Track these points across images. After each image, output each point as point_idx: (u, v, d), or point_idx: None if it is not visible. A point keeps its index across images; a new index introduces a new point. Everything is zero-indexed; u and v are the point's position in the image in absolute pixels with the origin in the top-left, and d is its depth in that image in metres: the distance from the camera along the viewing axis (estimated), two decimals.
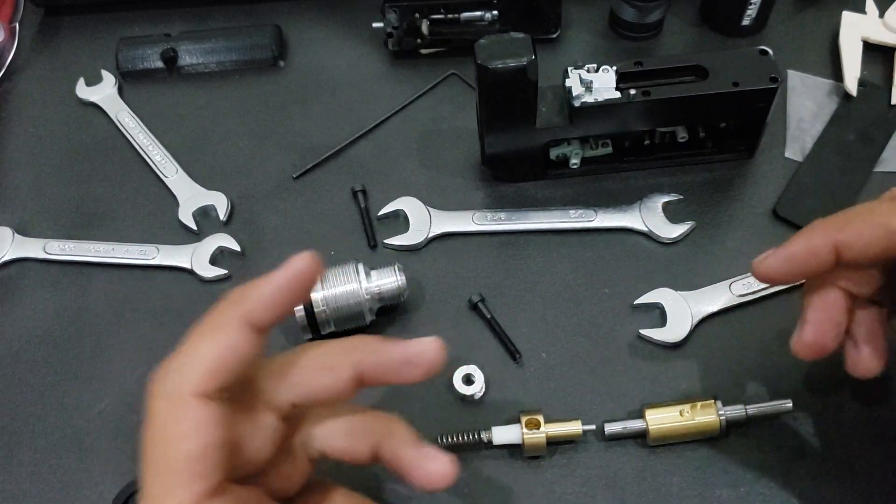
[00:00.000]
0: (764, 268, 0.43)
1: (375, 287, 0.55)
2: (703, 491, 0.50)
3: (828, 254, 0.41)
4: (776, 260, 0.42)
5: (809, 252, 0.41)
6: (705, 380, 0.54)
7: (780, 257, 0.42)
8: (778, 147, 0.65)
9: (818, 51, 0.71)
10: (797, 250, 0.41)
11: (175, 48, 0.73)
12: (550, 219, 0.62)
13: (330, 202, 0.65)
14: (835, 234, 0.40)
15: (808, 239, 0.41)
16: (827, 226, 0.41)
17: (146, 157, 0.68)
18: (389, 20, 0.70)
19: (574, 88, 0.57)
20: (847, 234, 0.40)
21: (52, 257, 0.63)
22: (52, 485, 0.53)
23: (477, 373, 0.55)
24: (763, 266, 0.43)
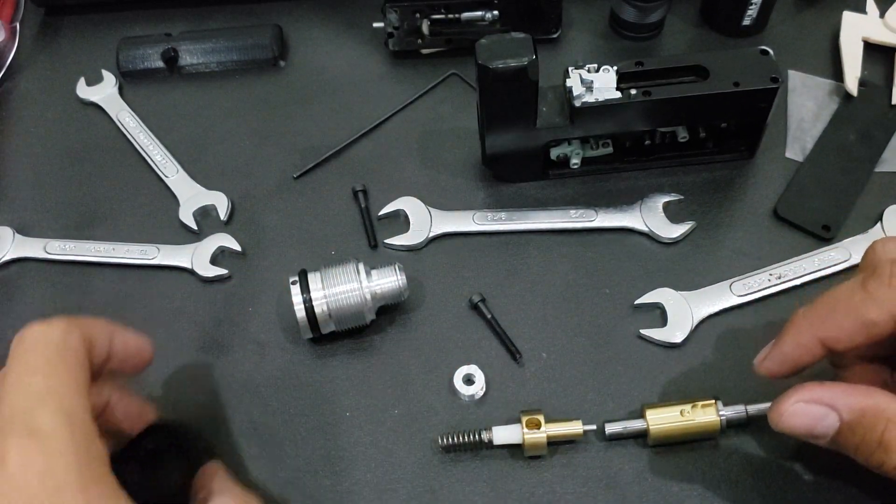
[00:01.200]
0: (764, 369, 0.46)
1: (376, 286, 0.55)
2: (703, 491, 0.50)
3: (818, 349, 0.43)
4: (773, 362, 0.45)
5: (800, 350, 0.43)
6: (706, 380, 0.54)
7: (776, 360, 0.45)
8: (778, 147, 0.65)
9: (819, 51, 0.71)
10: (788, 350, 0.44)
11: (176, 48, 0.73)
12: (551, 219, 0.62)
13: (330, 202, 0.65)
14: (818, 331, 0.42)
15: (795, 337, 0.43)
16: (810, 320, 0.43)
17: (147, 156, 0.68)
18: (390, 20, 0.70)
19: (575, 88, 0.57)
20: (829, 330, 0.42)
21: (53, 257, 0.63)
22: None
23: (477, 373, 0.55)
24: (763, 368, 0.46)
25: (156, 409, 0.48)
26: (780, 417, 0.42)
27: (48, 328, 0.41)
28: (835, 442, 0.41)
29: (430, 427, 0.53)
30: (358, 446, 0.53)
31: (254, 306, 0.60)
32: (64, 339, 0.41)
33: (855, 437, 0.40)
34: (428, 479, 0.52)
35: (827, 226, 0.60)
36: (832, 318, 0.42)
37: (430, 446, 0.53)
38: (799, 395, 0.42)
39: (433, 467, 0.52)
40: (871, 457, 0.40)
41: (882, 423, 0.39)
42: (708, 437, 0.51)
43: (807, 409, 0.41)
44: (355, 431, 0.54)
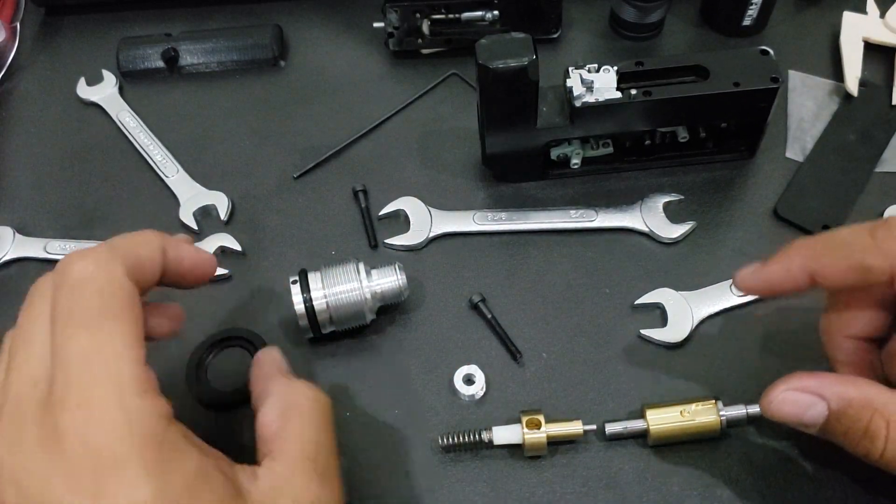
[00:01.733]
0: (744, 283, 0.46)
1: (376, 286, 0.55)
2: (703, 491, 0.50)
3: (803, 279, 0.43)
4: (755, 278, 0.45)
5: (786, 275, 0.44)
6: (706, 380, 0.54)
7: (759, 276, 0.45)
8: (779, 147, 0.65)
9: (819, 51, 0.71)
10: (775, 271, 0.44)
11: (176, 48, 0.73)
12: (551, 219, 0.62)
13: (331, 202, 0.65)
14: (811, 262, 0.42)
15: (786, 262, 0.44)
16: (806, 250, 0.43)
17: (147, 156, 0.68)
18: (390, 20, 0.70)
19: (575, 88, 0.57)
20: (823, 264, 0.42)
21: (53, 257, 0.63)
22: None
23: (477, 373, 0.55)
24: (743, 281, 0.46)
25: None
26: (769, 405, 0.43)
27: (90, 269, 0.37)
28: (823, 430, 0.42)
29: (430, 427, 0.53)
30: (358, 446, 0.53)
31: (254, 306, 0.60)
32: (109, 282, 0.37)
33: (842, 426, 0.41)
34: (428, 479, 0.52)
35: (827, 226, 0.60)
36: (829, 253, 0.42)
37: (430, 446, 0.53)
38: (788, 384, 0.43)
39: (433, 467, 0.52)
40: (857, 446, 0.41)
41: (868, 413, 0.40)
42: (708, 437, 0.51)
43: (795, 396, 0.42)
44: (355, 431, 0.54)
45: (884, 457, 0.40)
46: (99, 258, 0.38)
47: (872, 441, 0.40)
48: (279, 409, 0.43)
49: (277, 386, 0.45)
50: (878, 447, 0.40)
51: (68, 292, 0.37)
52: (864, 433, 0.40)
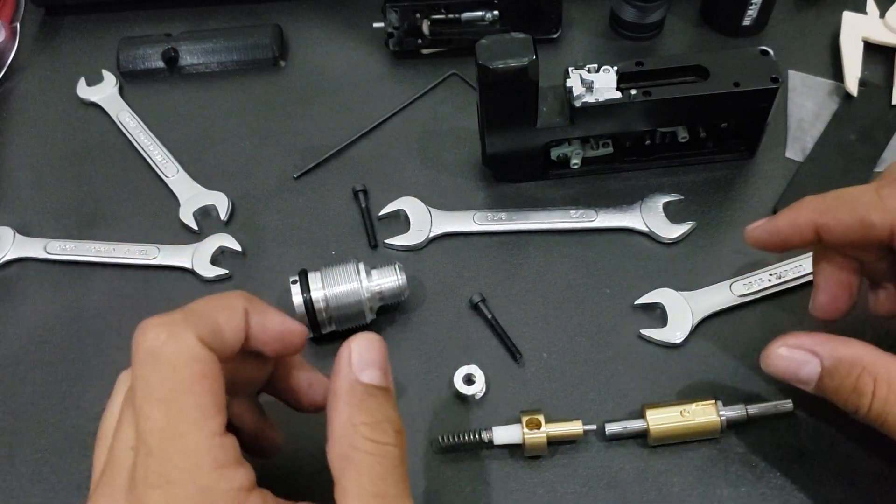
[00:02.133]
0: (752, 236, 0.48)
1: (376, 286, 0.55)
2: (703, 491, 0.50)
3: (809, 232, 0.45)
4: (763, 231, 0.47)
5: (793, 229, 0.46)
6: (706, 380, 0.54)
7: (767, 229, 0.47)
8: (779, 147, 0.65)
9: (819, 51, 0.71)
10: (783, 225, 0.46)
11: (176, 48, 0.73)
12: (551, 219, 0.62)
13: (331, 202, 0.65)
14: (818, 217, 0.44)
15: (794, 217, 0.46)
16: (814, 206, 0.45)
17: (147, 156, 0.68)
18: (390, 20, 0.70)
19: (575, 88, 0.57)
20: (828, 219, 0.44)
21: (53, 257, 0.63)
22: (52, 485, 0.53)
23: (478, 373, 0.55)
24: (753, 234, 0.48)
25: None
26: (768, 359, 0.46)
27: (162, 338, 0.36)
28: (818, 387, 0.44)
29: (430, 427, 0.53)
30: None
31: None
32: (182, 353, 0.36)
33: (833, 383, 0.43)
34: (428, 479, 0.52)
35: None
36: (835, 209, 0.44)
37: (430, 446, 0.53)
38: (784, 341, 0.45)
39: (433, 467, 0.52)
40: (847, 402, 0.43)
41: (857, 370, 0.42)
42: (708, 437, 0.51)
43: (791, 353, 0.45)
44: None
45: (871, 412, 0.42)
46: (172, 327, 0.37)
47: (860, 397, 0.42)
48: (337, 452, 0.38)
49: (338, 418, 0.39)
50: (865, 403, 0.42)
51: (142, 364, 0.36)
52: (852, 390, 0.42)
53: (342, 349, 0.40)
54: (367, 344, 0.40)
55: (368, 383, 0.39)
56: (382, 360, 0.40)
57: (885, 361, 0.42)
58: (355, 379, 0.39)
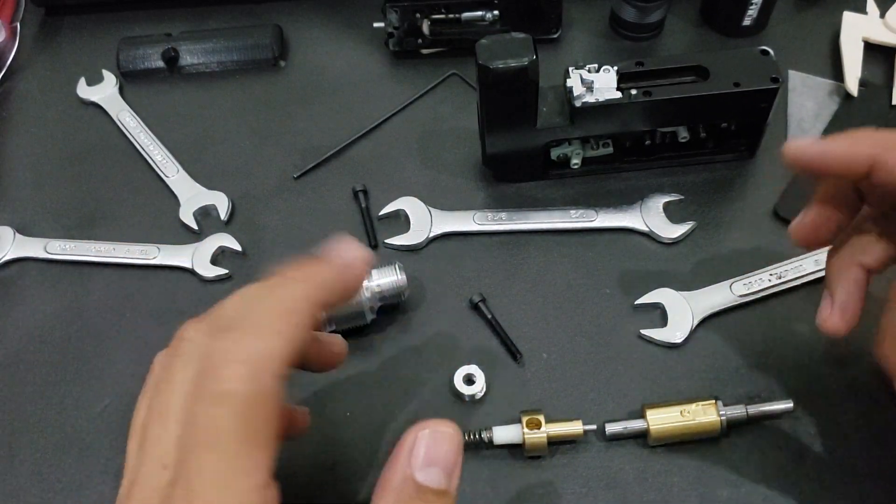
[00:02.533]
0: (793, 153, 0.42)
1: (376, 285, 0.55)
2: (703, 491, 0.50)
3: (863, 166, 0.40)
4: (813, 149, 0.41)
5: (848, 156, 0.40)
6: (706, 380, 0.54)
7: (819, 148, 0.41)
8: (779, 147, 0.65)
9: (819, 51, 0.71)
10: (838, 149, 0.41)
11: (176, 48, 0.73)
12: (551, 219, 0.62)
13: (331, 202, 0.65)
14: (880, 151, 0.39)
15: (852, 144, 0.40)
16: (875, 140, 0.40)
17: (147, 156, 0.68)
18: (390, 20, 0.70)
19: (575, 88, 0.57)
20: (889, 155, 0.39)
21: (53, 257, 0.63)
22: (52, 485, 0.53)
23: (478, 373, 0.55)
24: (795, 151, 0.42)
25: None
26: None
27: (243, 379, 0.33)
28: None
29: None
30: (358, 446, 0.53)
31: None
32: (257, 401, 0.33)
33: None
34: None
35: None
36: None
37: None
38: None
39: None
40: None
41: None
42: (708, 437, 0.51)
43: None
44: (355, 431, 0.54)
45: None
46: (258, 367, 0.33)
47: None
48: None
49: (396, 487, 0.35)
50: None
51: (210, 400, 0.33)
52: None
53: (407, 435, 0.35)
54: (437, 438, 0.35)
55: (424, 485, 0.34)
56: (451, 460, 0.35)
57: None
58: (410, 475, 0.34)
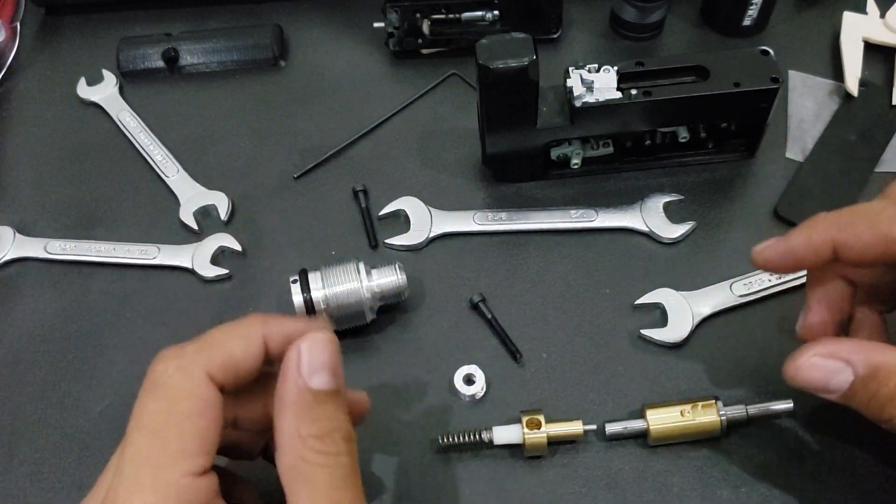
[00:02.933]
0: (762, 257, 0.44)
1: (376, 285, 0.55)
2: (703, 491, 0.50)
3: (826, 251, 0.42)
4: (776, 251, 0.44)
5: (809, 247, 0.42)
6: (706, 380, 0.54)
7: (780, 249, 0.43)
8: (779, 147, 0.65)
9: (819, 51, 0.71)
10: (797, 244, 0.43)
11: (176, 48, 0.73)
12: (551, 219, 0.62)
13: (331, 202, 0.65)
14: (835, 234, 0.41)
15: (808, 234, 0.43)
16: (829, 223, 0.42)
17: (147, 156, 0.68)
18: (390, 20, 0.70)
19: (575, 88, 0.57)
20: (847, 235, 0.41)
21: (53, 257, 0.63)
22: (52, 485, 0.53)
23: (478, 373, 0.55)
24: (762, 255, 0.44)
25: None
26: (796, 371, 0.42)
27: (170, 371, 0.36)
28: (846, 396, 0.42)
29: (430, 427, 0.53)
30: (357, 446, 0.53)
31: (254, 306, 0.60)
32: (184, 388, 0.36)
33: (867, 392, 0.41)
34: (428, 479, 0.52)
35: None
36: (853, 225, 0.41)
37: (430, 446, 0.53)
38: (816, 350, 0.42)
39: (433, 467, 0.52)
40: (882, 411, 0.40)
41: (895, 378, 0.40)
42: (708, 437, 0.51)
43: (823, 363, 0.42)
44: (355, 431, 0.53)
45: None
46: (183, 360, 0.36)
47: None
48: (287, 464, 0.37)
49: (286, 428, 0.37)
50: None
51: (145, 391, 0.36)
52: (889, 398, 0.40)
53: (290, 351, 0.38)
54: (318, 345, 0.38)
55: (318, 389, 0.37)
56: (334, 361, 0.38)
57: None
58: (304, 385, 0.37)
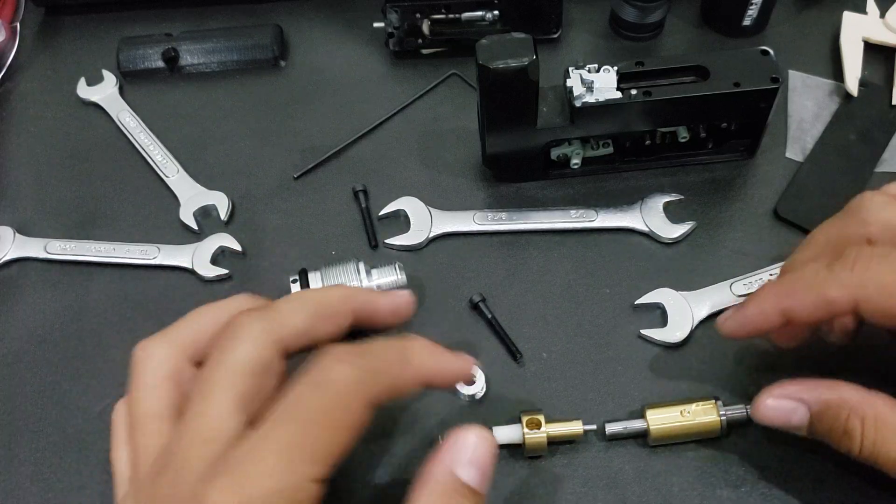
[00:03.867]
0: (725, 329, 0.48)
1: (376, 285, 0.55)
2: (703, 491, 0.50)
3: (778, 319, 0.45)
4: (734, 323, 0.47)
5: (762, 317, 0.46)
6: (706, 380, 0.54)
7: (737, 321, 0.47)
8: (779, 147, 0.65)
9: (819, 51, 0.71)
10: (750, 315, 0.46)
11: (176, 48, 0.73)
12: (551, 219, 0.62)
13: (331, 202, 0.65)
14: (781, 302, 0.45)
15: (759, 305, 0.46)
16: (775, 293, 0.45)
17: (147, 156, 0.68)
18: (390, 20, 0.70)
19: (575, 88, 0.57)
20: (791, 302, 0.44)
21: (53, 257, 0.63)
22: (52, 485, 0.53)
23: (478, 373, 0.55)
24: (724, 327, 0.48)
25: None
26: (757, 412, 0.46)
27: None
28: (810, 432, 0.45)
29: (430, 427, 0.53)
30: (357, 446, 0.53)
31: None
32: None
33: (823, 426, 0.44)
34: None
35: None
36: (796, 293, 0.44)
37: (430, 446, 0.53)
38: (771, 392, 0.46)
39: None
40: (839, 443, 0.43)
41: (844, 412, 0.43)
42: (708, 437, 0.51)
43: (779, 403, 0.45)
44: None
45: (862, 453, 0.42)
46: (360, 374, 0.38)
47: (850, 440, 0.43)
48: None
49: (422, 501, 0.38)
50: (856, 444, 0.42)
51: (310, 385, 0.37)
52: (843, 432, 0.43)
53: (451, 434, 0.39)
54: (478, 441, 0.39)
55: (463, 481, 0.38)
56: (489, 464, 0.39)
57: (871, 401, 0.43)
58: (451, 471, 0.38)
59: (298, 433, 0.36)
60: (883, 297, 0.41)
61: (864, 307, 0.42)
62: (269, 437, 0.36)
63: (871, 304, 0.42)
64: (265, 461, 0.35)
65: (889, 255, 0.42)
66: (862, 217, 0.46)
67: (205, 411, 0.37)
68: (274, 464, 0.35)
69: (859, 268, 0.42)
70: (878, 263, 0.42)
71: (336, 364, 0.37)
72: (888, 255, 0.42)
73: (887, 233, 0.45)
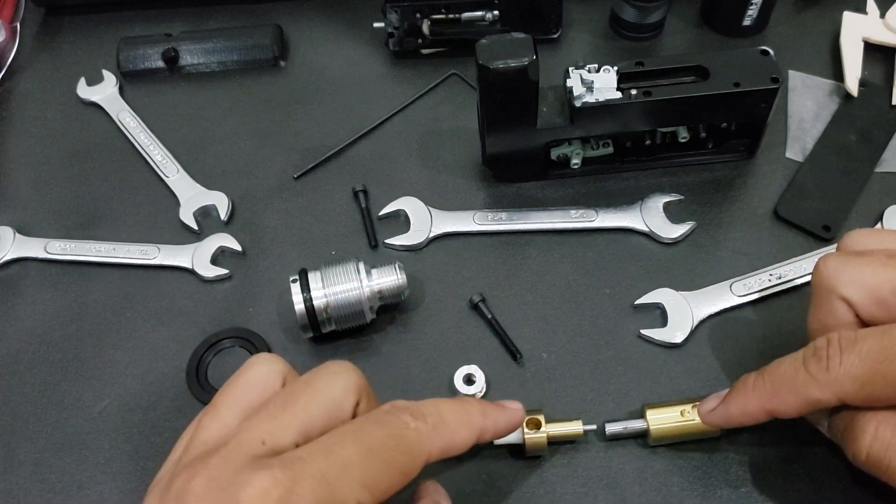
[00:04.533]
0: (707, 419, 0.48)
1: (376, 285, 0.55)
2: (703, 491, 0.50)
3: (762, 416, 0.46)
4: (717, 418, 0.48)
5: (745, 415, 0.46)
6: (706, 380, 0.54)
7: (721, 416, 0.47)
8: (779, 147, 0.65)
9: (819, 51, 0.71)
10: (734, 412, 0.46)
11: (176, 48, 0.73)
12: (551, 219, 0.62)
13: (331, 202, 0.65)
14: (765, 402, 0.45)
15: (743, 404, 0.46)
16: (758, 394, 0.45)
17: (147, 156, 0.68)
18: (390, 20, 0.70)
19: (575, 88, 0.57)
20: (775, 403, 0.45)
21: (53, 257, 0.63)
22: (52, 485, 0.53)
23: (478, 373, 0.55)
24: (707, 419, 0.48)
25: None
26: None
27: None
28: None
29: None
30: None
31: (254, 306, 0.60)
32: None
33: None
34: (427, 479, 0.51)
35: (827, 226, 0.60)
36: (779, 395, 0.44)
37: None
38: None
39: (433, 467, 0.52)
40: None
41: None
42: (708, 437, 0.51)
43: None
44: None
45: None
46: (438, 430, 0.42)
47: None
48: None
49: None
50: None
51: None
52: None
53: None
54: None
55: None
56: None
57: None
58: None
59: (362, 455, 0.37)
60: (864, 391, 0.41)
61: (849, 400, 0.42)
62: (333, 451, 0.37)
63: (854, 397, 0.42)
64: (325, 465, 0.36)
65: (856, 343, 0.42)
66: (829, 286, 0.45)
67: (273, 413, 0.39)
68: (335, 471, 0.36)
69: (833, 365, 0.42)
70: (849, 356, 0.42)
71: (408, 418, 0.41)
72: (855, 344, 0.42)
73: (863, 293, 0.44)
